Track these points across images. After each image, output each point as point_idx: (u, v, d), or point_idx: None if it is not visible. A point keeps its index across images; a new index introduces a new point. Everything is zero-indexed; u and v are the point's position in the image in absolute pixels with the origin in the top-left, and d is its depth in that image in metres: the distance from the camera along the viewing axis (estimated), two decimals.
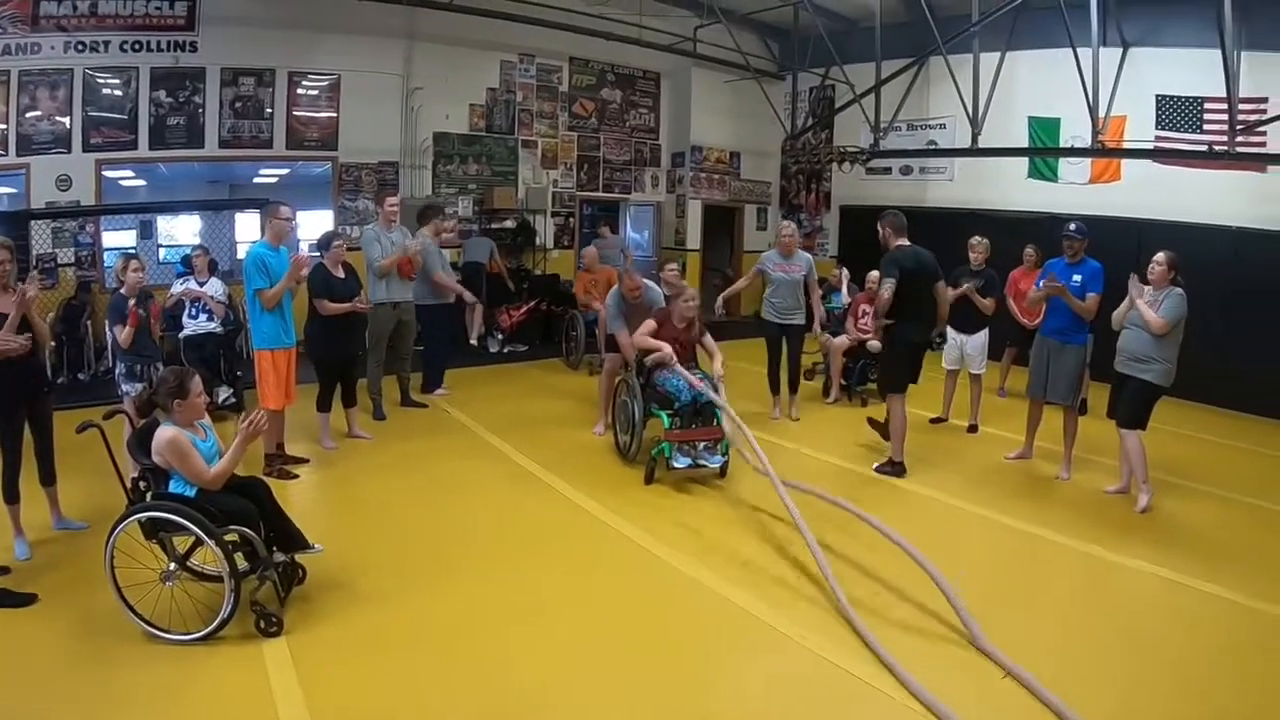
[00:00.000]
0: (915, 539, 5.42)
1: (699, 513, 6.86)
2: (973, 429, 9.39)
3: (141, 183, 13.61)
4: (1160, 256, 7.02)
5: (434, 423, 9.20)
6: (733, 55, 14.94)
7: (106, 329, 9.82)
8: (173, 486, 4.59)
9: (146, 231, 13.57)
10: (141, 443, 4.68)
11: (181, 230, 14.18)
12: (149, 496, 4.65)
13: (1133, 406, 7.07)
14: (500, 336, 13.41)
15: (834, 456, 8.28)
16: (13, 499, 5.59)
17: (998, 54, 11.90)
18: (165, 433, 4.53)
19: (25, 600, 4.86)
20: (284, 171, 14.19)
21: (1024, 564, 6.15)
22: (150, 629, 4.51)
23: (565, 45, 14.76)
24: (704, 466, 7.43)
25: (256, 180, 14.53)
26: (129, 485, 4.76)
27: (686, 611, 5.27)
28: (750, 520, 6.71)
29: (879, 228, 7.78)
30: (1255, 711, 4.24)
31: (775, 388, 9.79)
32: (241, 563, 4.58)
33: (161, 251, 13.97)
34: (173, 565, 4.62)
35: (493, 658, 4.61)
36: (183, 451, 4.50)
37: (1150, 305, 6.95)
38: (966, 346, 9.41)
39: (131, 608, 4.52)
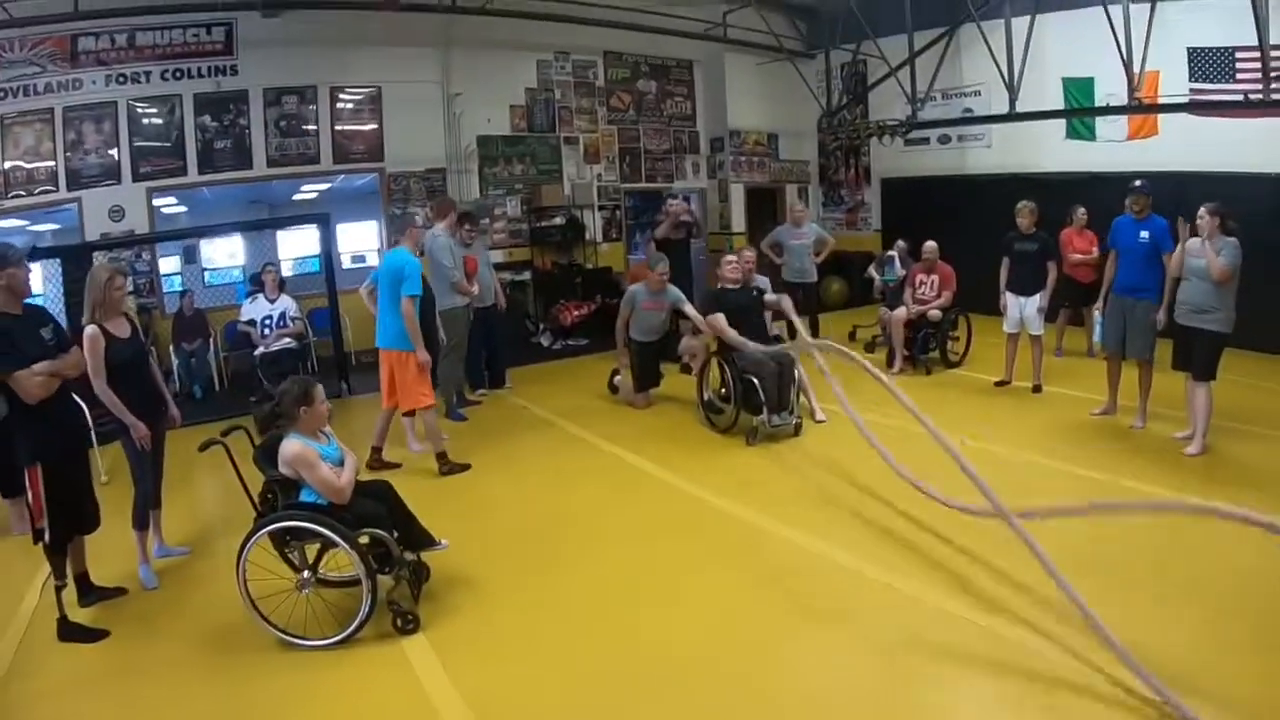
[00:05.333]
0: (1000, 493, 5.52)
1: (788, 478, 7.28)
2: (1037, 389, 9.49)
3: (183, 209, 13.82)
4: (1204, 209, 7.10)
5: (513, 417, 9.39)
6: (763, 38, 15.02)
7: (172, 353, 10.24)
8: (304, 496, 4.69)
9: (190, 256, 13.85)
10: (267, 455, 4.77)
11: (219, 253, 14.43)
12: (279, 507, 4.75)
13: (1205, 359, 7.18)
14: (552, 332, 13.67)
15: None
16: (142, 525, 5.72)
17: (1027, 17, 11.90)
18: (292, 446, 4.63)
19: (97, 636, 4.90)
20: (324, 186, 14.39)
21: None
22: (287, 637, 4.63)
23: (598, 40, 14.84)
24: (785, 425, 8.15)
25: (296, 197, 14.75)
26: (256, 499, 4.88)
27: (808, 579, 5.41)
28: (830, 478, 7.12)
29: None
30: None
31: (792, 334, 10.17)
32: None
33: (206, 275, 14.25)
34: (306, 573, 4.71)
35: (631, 637, 4.77)
36: (310, 462, 4.60)
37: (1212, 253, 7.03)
38: (1026, 309, 9.45)
39: (265, 617, 4.63)
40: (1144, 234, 7.85)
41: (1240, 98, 10.45)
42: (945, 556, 5.55)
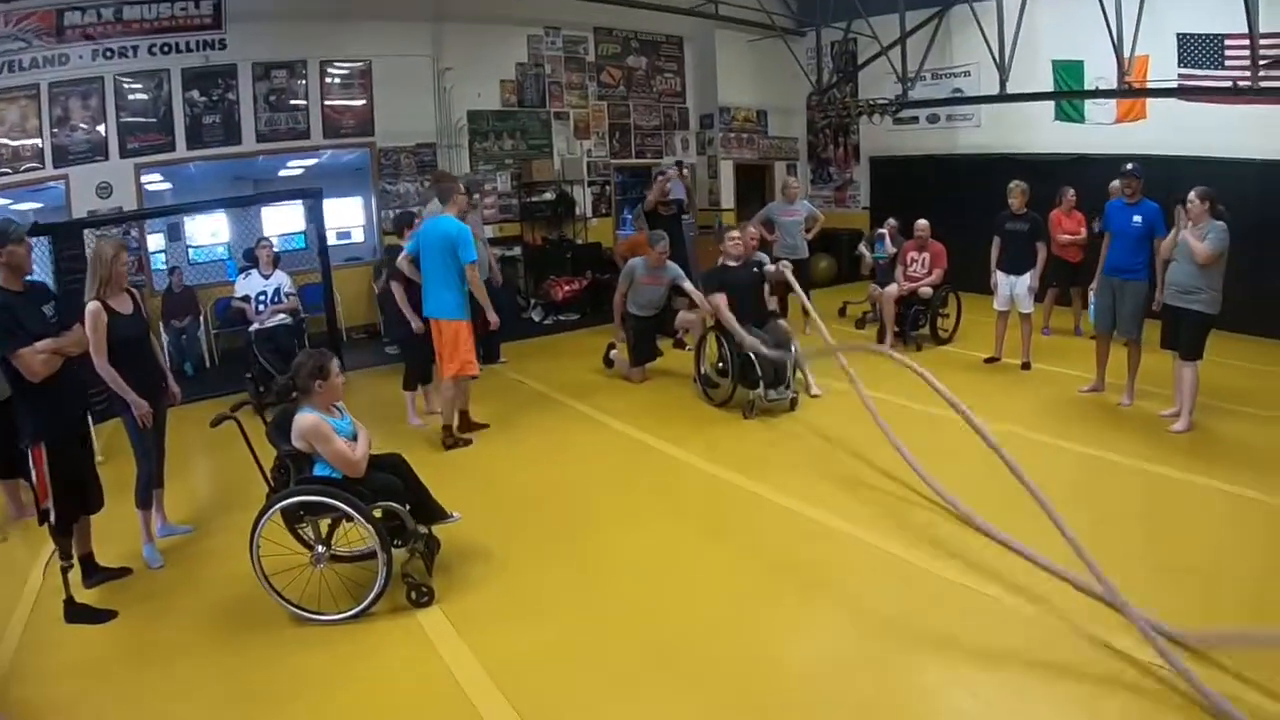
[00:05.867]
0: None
1: (789, 450, 7.43)
2: (1026, 366, 9.71)
3: (168, 185, 13.61)
4: (1193, 193, 7.26)
5: (510, 392, 9.42)
6: (754, 14, 14.93)
7: (162, 330, 10.21)
8: (318, 469, 4.69)
9: (176, 234, 13.72)
10: (280, 429, 4.77)
11: (201, 231, 14.26)
12: (293, 482, 4.74)
13: (1192, 339, 7.36)
14: (543, 307, 13.70)
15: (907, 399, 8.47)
16: (145, 504, 5.70)
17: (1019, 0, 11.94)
18: (306, 419, 4.63)
19: (105, 616, 4.88)
20: (311, 162, 14.24)
21: (1091, 482, 6.50)
22: (302, 612, 4.64)
23: (589, 15, 14.76)
24: (781, 400, 8.28)
25: (283, 173, 14.64)
26: (268, 474, 4.87)
27: (812, 547, 5.56)
28: (835, 451, 7.28)
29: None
30: None
31: (783, 309, 10.47)
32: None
33: (190, 253, 14.12)
34: (320, 548, 4.70)
35: (641, 604, 4.86)
36: (325, 435, 4.60)
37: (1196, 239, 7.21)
38: (1016, 287, 9.60)
39: (279, 593, 4.63)
40: (1136, 218, 8.01)
41: (1229, 84, 10.59)
42: (941, 526, 5.73)
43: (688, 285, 9.27)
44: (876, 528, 5.72)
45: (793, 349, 8.34)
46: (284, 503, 4.60)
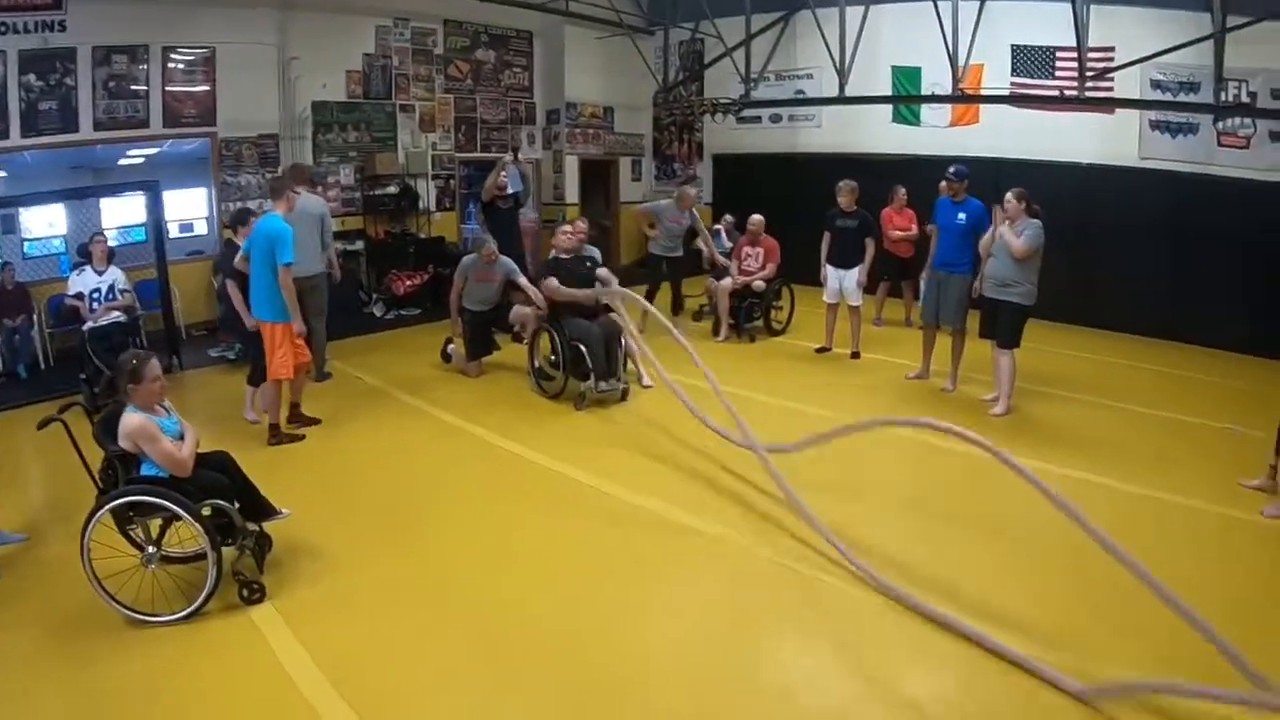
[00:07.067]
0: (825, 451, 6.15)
1: (619, 440, 7.73)
2: (855, 355, 10.25)
3: (1, 174, 13.11)
4: (1009, 194, 7.84)
5: (346, 388, 9.39)
6: (604, 12, 15.05)
7: None
8: (145, 469, 4.69)
9: (9, 226, 13.11)
10: (107, 429, 4.74)
11: (37, 222, 13.67)
12: (121, 483, 4.71)
13: (1009, 329, 7.98)
14: (384, 302, 13.60)
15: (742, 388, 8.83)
16: None
17: (862, 7, 12.41)
18: (132, 419, 4.63)
19: None
20: (153, 151, 13.80)
21: (916, 463, 7.07)
22: (135, 615, 4.60)
23: (439, 8, 14.82)
24: (612, 391, 8.63)
25: (122, 162, 14.13)
26: (96, 475, 4.82)
27: (634, 531, 5.90)
28: (656, 437, 7.73)
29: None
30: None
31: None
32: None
33: (25, 246, 13.50)
34: (151, 548, 4.71)
35: (474, 593, 5.06)
36: (152, 435, 4.61)
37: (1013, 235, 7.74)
38: (845, 281, 10.11)
39: (113, 597, 4.58)
40: (960, 216, 8.67)
41: (1057, 93, 11.23)
42: (759, 500, 6.23)
43: (522, 280, 9.44)
44: (703, 513, 6.10)
45: (624, 340, 8.66)
46: (112, 504, 4.59)
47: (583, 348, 8.39)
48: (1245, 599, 4.90)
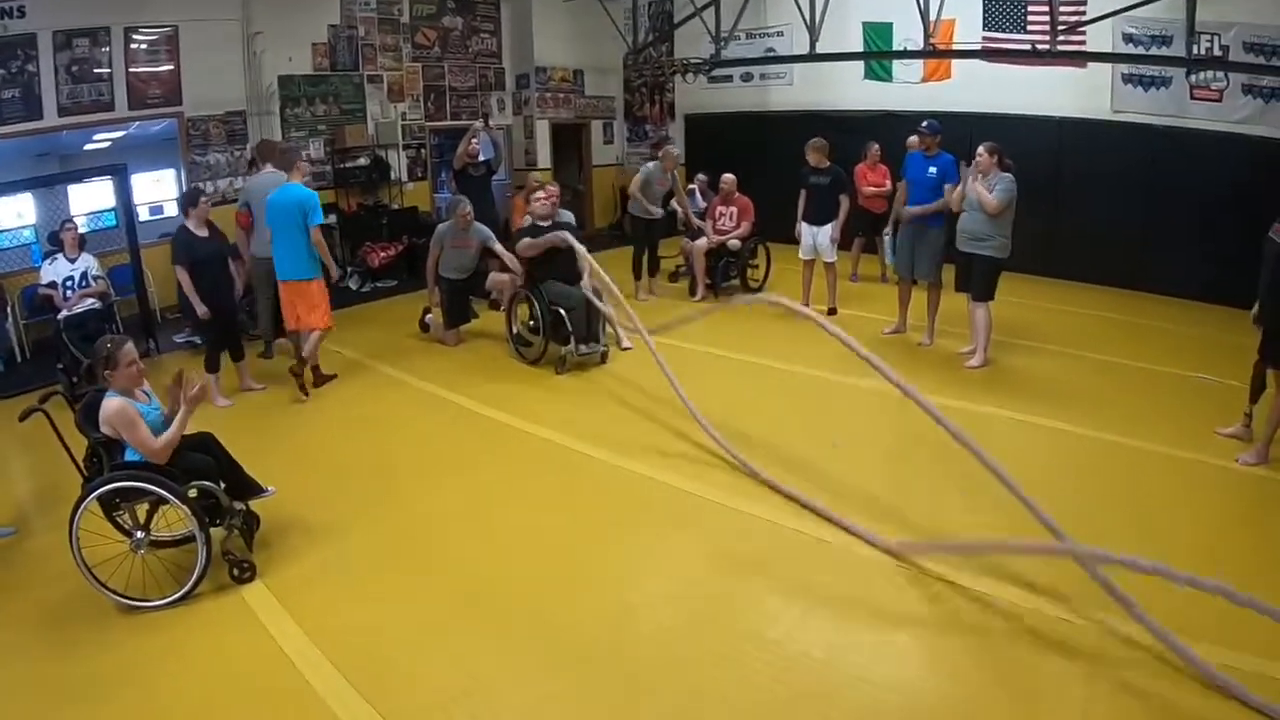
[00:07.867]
0: (806, 410, 6.46)
1: (599, 403, 7.88)
2: (832, 312, 10.27)
3: None
4: (980, 148, 7.92)
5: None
6: None
7: None
8: (128, 455, 4.70)
9: None
10: (89, 416, 4.74)
11: (4, 213, 13.41)
12: (105, 469, 4.72)
13: (983, 282, 8.04)
14: (359, 275, 13.55)
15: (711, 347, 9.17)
16: None
17: None
18: (111, 404, 4.63)
19: None
20: (119, 135, 13.64)
21: (894, 419, 7.09)
22: (127, 601, 4.63)
23: None
24: (592, 354, 8.79)
25: (89, 147, 13.98)
26: (81, 463, 4.84)
27: (616, 492, 6.03)
28: (637, 399, 7.85)
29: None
30: (1101, 515, 5.24)
31: (638, 273, 11.40)
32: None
33: None
34: (139, 534, 4.72)
35: (463, 562, 5.14)
36: (130, 420, 4.61)
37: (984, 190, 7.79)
38: (818, 237, 10.16)
39: (104, 584, 4.61)
40: (932, 169, 8.70)
41: (1029, 47, 11.20)
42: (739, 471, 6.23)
43: (498, 247, 9.45)
44: (682, 471, 6.23)
45: (601, 305, 8.64)
46: (98, 491, 4.59)
47: (562, 311, 8.45)
48: (1220, 545, 5.01)
